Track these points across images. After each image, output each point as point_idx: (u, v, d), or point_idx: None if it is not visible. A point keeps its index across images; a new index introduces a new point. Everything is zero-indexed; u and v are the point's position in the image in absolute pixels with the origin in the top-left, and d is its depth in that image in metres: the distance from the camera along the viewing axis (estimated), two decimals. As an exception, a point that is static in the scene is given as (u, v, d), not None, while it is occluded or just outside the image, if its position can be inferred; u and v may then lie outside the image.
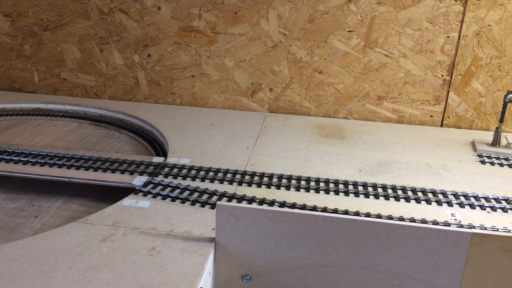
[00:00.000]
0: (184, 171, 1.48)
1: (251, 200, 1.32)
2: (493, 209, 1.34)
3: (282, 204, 1.31)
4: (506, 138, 1.82)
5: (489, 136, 1.90)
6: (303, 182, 1.45)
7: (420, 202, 1.36)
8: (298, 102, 2.11)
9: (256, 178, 1.46)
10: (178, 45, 2.10)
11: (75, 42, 2.17)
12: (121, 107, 2.09)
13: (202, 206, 1.28)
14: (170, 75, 2.16)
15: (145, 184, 1.39)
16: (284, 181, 1.46)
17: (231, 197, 1.34)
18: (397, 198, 1.37)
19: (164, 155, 1.68)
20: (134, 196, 1.32)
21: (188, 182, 1.42)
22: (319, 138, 1.84)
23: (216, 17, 2.03)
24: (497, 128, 1.78)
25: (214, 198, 1.33)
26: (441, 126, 2.07)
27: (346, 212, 1.28)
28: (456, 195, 1.41)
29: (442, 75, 1.99)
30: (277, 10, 1.99)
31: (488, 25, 1.90)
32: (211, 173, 1.48)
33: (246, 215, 1.06)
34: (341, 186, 1.43)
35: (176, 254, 1.05)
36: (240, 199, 1.33)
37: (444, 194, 1.41)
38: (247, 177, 1.47)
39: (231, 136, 1.81)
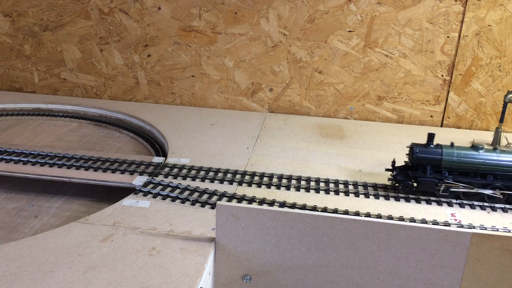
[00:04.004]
0: (184, 171, 1.48)
1: (251, 200, 1.32)
2: (493, 209, 1.34)
3: (282, 204, 1.31)
4: (506, 138, 1.82)
5: (489, 136, 1.90)
6: (303, 182, 1.45)
7: (420, 202, 1.36)
8: (298, 102, 2.11)
9: (256, 178, 1.46)
10: (178, 45, 2.10)
11: (75, 42, 2.17)
12: (121, 107, 2.09)
13: (202, 206, 1.28)
14: (170, 75, 2.16)
15: (145, 184, 1.39)
16: (284, 181, 1.46)
17: (231, 197, 1.34)
18: (397, 198, 1.37)
19: (164, 155, 1.68)
20: (134, 196, 1.32)
21: (188, 182, 1.42)
22: (319, 138, 1.84)
23: (216, 17, 2.03)
24: (497, 128, 1.78)
25: (214, 198, 1.33)
26: (441, 126, 2.07)
27: (346, 212, 1.28)
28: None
29: (442, 75, 1.99)
30: (277, 10, 1.99)
31: (488, 25, 1.90)
32: (211, 173, 1.48)
33: (246, 215, 1.06)
34: (341, 186, 1.43)
35: (176, 254, 1.05)
36: (240, 199, 1.33)
37: (444, 194, 1.41)
38: (247, 177, 1.47)
39: (231, 136, 1.81)
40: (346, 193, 1.39)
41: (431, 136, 1.39)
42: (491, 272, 1.04)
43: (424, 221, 1.25)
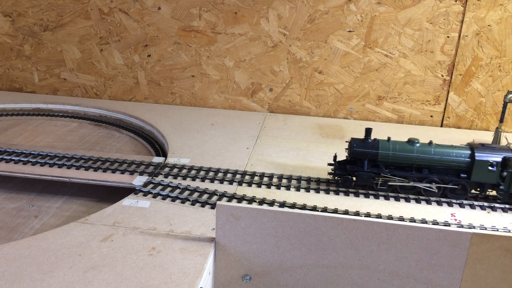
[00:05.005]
0: (184, 171, 1.48)
1: (251, 200, 1.32)
2: (493, 209, 1.34)
3: (282, 204, 1.31)
4: (506, 138, 1.81)
5: (489, 136, 1.90)
6: (303, 182, 1.45)
7: (420, 202, 1.36)
8: (298, 102, 2.11)
9: (256, 178, 1.46)
10: (178, 45, 2.10)
11: (75, 42, 2.17)
12: (121, 107, 2.09)
13: (202, 206, 1.28)
14: (170, 75, 2.16)
15: (145, 184, 1.39)
16: (284, 181, 1.46)
17: (231, 197, 1.34)
18: (397, 198, 1.37)
19: (164, 155, 1.68)
20: (134, 196, 1.32)
21: (188, 182, 1.42)
22: (319, 138, 1.84)
23: (216, 17, 2.03)
24: (497, 128, 1.78)
25: (214, 198, 1.33)
26: (441, 126, 2.07)
27: (346, 212, 1.28)
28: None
29: (442, 75, 1.99)
30: (277, 10, 1.99)
31: (488, 25, 1.90)
32: (211, 173, 1.48)
33: (246, 215, 1.06)
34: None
35: (176, 254, 1.05)
36: (240, 199, 1.33)
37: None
38: (247, 177, 1.47)
39: (231, 136, 1.81)
40: (346, 193, 1.39)
41: (368, 131, 1.41)
42: (491, 272, 1.04)
43: (424, 221, 1.25)
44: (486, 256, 1.02)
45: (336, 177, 1.44)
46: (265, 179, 1.46)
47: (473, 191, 1.39)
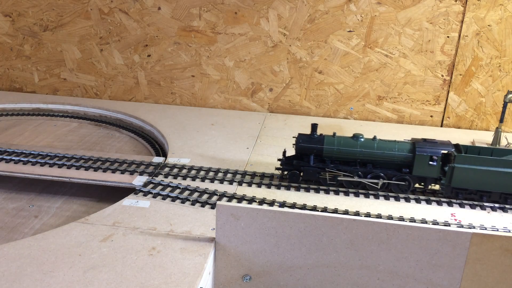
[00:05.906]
0: (184, 171, 1.48)
1: (251, 200, 1.32)
2: (493, 209, 1.34)
3: (282, 204, 1.31)
4: (506, 138, 1.82)
5: (489, 136, 1.90)
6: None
7: (420, 202, 1.36)
8: (298, 102, 2.11)
9: (256, 178, 1.46)
10: (178, 45, 2.10)
11: (75, 42, 2.17)
12: (121, 107, 2.09)
13: (202, 206, 1.28)
14: (170, 75, 2.16)
15: (145, 184, 1.39)
16: (284, 181, 1.46)
17: (231, 197, 1.34)
18: (397, 198, 1.37)
19: (164, 155, 1.68)
20: (134, 196, 1.32)
21: (188, 182, 1.42)
22: (319, 138, 1.84)
23: (216, 17, 2.03)
24: (497, 128, 1.78)
25: (214, 198, 1.33)
26: (441, 126, 2.07)
27: (346, 212, 1.28)
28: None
29: (442, 75, 1.99)
30: (277, 10, 1.99)
31: (488, 25, 1.90)
32: (211, 173, 1.48)
33: (246, 215, 1.06)
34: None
35: (176, 254, 1.05)
36: (240, 199, 1.33)
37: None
38: (247, 177, 1.47)
39: (231, 136, 1.81)
40: (346, 193, 1.39)
41: (314, 126, 1.43)
42: (491, 272, 1.04)
43: (424, 221, 1.25)
44: (486, 256, 1.02)
45: (283, 172, 1.45)
46: (265, 179, 1.46)
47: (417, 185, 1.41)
